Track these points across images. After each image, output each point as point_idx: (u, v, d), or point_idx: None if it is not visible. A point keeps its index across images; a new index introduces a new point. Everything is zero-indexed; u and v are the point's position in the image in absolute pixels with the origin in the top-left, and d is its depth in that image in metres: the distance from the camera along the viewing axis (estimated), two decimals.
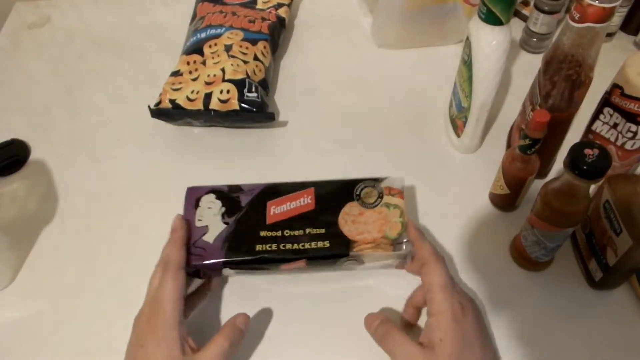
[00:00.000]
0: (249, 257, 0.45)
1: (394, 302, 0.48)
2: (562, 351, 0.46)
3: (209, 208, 0.47)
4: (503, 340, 0.46)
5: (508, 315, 0.48)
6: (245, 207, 0.47)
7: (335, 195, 0.47)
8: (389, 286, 0.50)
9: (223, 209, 0.47)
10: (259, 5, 0.73)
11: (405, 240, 0.45)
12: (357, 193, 0.47)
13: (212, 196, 0.48)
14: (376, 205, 0.47)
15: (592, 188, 0.43)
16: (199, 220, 0.47)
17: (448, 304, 0.40)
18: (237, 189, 0.49)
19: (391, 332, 0.41)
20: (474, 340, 0.39)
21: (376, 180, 0.48)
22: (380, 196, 0.47)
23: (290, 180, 0.49)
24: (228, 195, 0.48)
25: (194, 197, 0.48)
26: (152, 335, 0.40)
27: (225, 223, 0.46)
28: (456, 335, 0.39)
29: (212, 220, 0.47)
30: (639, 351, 0.46)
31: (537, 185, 0.48)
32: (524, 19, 0.74)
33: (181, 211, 0.50)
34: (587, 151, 0.38)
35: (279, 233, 0.45)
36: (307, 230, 0.45)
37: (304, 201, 0.47)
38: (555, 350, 0.46)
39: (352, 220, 0.46)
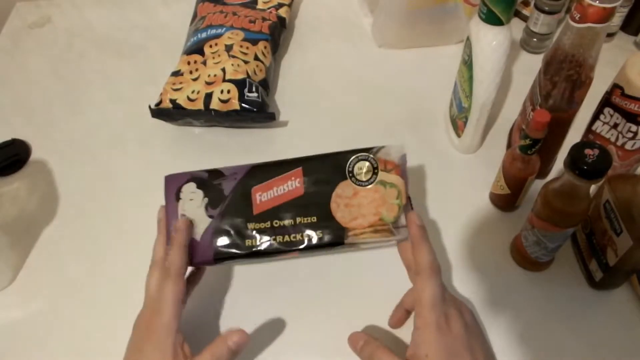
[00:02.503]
0: (239, 253, 0.43)
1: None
2: (562, 351, 0.46)
3: (191, 200, 0.44)
4: (503, 340, 0.46)
5: (508, 315, 0.48)
6: (229, 196, 0.43)
7: (326, 174, 0.43)
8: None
9: (206, 200, 0.44)
10: (260, 5, 0.73)
11: (403, 225, 0.42)
12: (350, 169, 0.43)
13: (192, 185, 0.44)
14: (371, 183, 0.43)
15: (593, 188, 0.43)
16: (182, 215, 0.44)
17: (434, 317, 0.39)
18: (217, 174, 0.45)
19: (376, 352, 0.41)
20: (461, 350, 0.39)
21: (369, 151, 0.43)
22: (375, 172, 0.43)
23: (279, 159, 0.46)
24: (209, 183, 0.44)
25: (173, 187, 0.45)
26: (149, 341, 0.40)
27: (210, 216, 0.43)
28: (441, 348, 0.38)
29: (196, 213, 0.43)
30: (639, 351, 0.46)
31: (537, 185, 0.48)
32: (525, 19, 0.74)
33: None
34: (588, 151, 0.38)
35: (268, 224, 0.42)
36: (298, 220, 0.42)
37: (292, 185, 0.43)
38: (555, 350, 0.46)
39: (345, 204, 0.42)
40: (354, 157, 0.43)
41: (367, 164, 0.43)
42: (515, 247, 0.51)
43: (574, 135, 0.51)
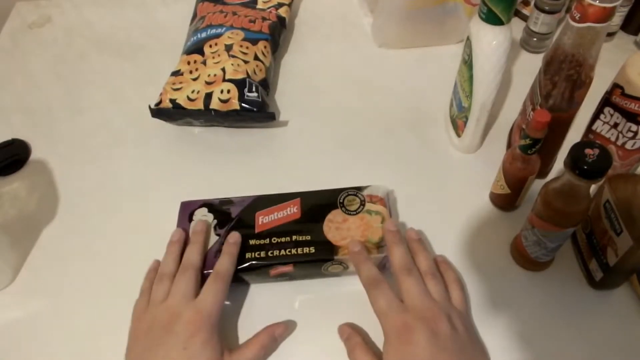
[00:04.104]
0: (239, 265, 0.46)
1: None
2: (562, 351, 0.46)
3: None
4: (503, 339, 0.46)
5: (508, 315, 0.48)
6: (236, 218, 0.49)
7: (320, 204, 0.50)
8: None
9: (215, 222, 0.49)
10: (260, 5, 0.73)
11: (385, 245, 0.47)
12: (341, 201, 0.50)
13: (204, 210, 0.50)
14: (359, 212, 0.49)
15: (593, 188, 0.43)
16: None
17: (390, 328, 0.40)
18: (227, 202, 0.51)
19: (355, 349, 0.42)
20: None
21: (358, 189, 0.50)
22: (363, 203, 0.49)
23: (286, 182, 0.53)
24: (219, 208, 0.50)
25: (187, 211, 0.51)
26: (197, 338, 0.40)
27: (217, 234, 0.48)
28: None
29: None
30: (639, 351, 0.46)
31: (537, 185, 0.48)
32: (525, 18, 0.74)
33: (178, 208, 0.51)
34: (588, 151, 0.38)
35: (267, 241, 0.47)
36: (294, 237, 0.47)
37: (291, 210, 0.49)
38: (556, 350, 0.46)
39: (335, 227, 0.48)
40: (344, 192, 0.50)
41: (356, 198, 0.50)
42: (516, 246, 0.51)
43: (574, 135, 0.51)
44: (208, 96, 0.61)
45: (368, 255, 0.46)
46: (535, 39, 0.71)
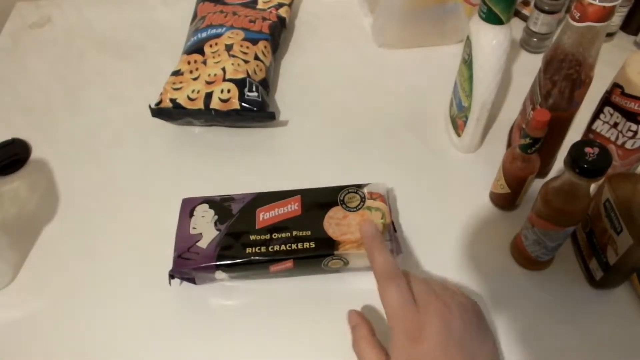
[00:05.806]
0: (240, 260, 0.47)
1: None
2: (563, 350, 0.46)
3: (203, 217, 0.50)
4: (503, 339, 0.46)
5: (508, 315, 0.48)
6: (237, 214, 0.50)
7: (320, 201, 0.50)
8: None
9: (215, 217, 0.50)
10: (260, 5, 0.73)
11: (387, 239, 0.47)
12: (341, 198, 0.50)
13: (205, 206, 0.51)
14: (359, 209, 0.49)
15: (593, 187, 0.43)
16: (194, 228, 0.49)
17: (399, 327, 0.37)
18: (228, 198, 0.51)
19: (359, 341, 0.39)
20: None
21: (359, 187, 0.51)
22: (363, 200, 0.50)
23: (286, 182, 0.53)
24: (220, 205, 0.51)
25: (188, 207, 0.51)
26: None
27: (218, 230, 0.49)
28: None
29: (205, 227, 0.49)
30: (639, 350, 0.46)
31: (537, 184, 0.48)
32: (525, 18, 0.74)
33: (178, 207, 0.51)
34: (588, 150, 0.38)
35: (268, 236, 0.48)
36: (294, 233, 0.48)
37: (291, 207, 0.50)
38: (556, 349, 0.46)
39: (336, 223, 0.48)
40: (344, 190, 0.51)
41: (356, 195, 0.50)
42: (516, 246, 0.51)
43: (574, 134, 0.51)
44: (208, 96, 0.61)
45: (384, 241, 0.42)
46: (535, 39, 0.71)
